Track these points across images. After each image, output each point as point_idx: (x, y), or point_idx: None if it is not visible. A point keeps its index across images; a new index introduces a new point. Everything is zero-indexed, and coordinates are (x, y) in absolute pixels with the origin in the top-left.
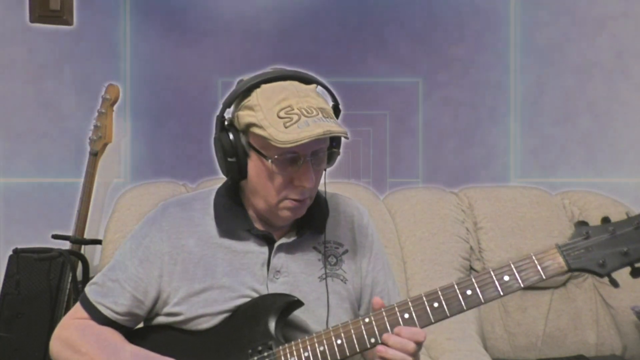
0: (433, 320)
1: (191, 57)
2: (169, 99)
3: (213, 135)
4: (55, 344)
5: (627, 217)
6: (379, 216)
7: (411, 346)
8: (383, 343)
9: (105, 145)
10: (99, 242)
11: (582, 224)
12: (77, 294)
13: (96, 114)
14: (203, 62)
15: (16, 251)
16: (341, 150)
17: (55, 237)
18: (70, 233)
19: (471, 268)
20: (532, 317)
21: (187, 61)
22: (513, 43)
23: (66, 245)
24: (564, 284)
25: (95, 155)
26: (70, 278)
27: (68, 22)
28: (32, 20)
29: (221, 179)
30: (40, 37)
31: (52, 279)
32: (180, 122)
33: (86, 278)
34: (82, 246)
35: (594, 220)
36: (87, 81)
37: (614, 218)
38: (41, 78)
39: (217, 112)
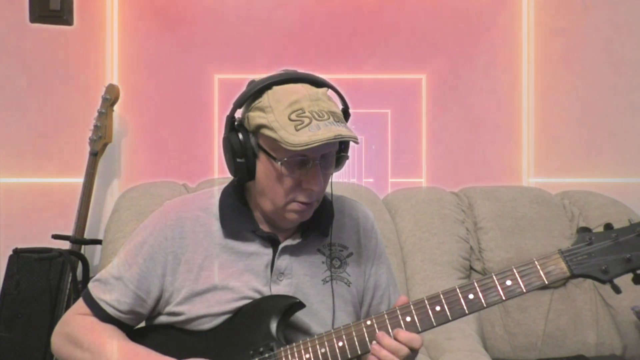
0: (435, 324)
1: (190, 55)
2: (168, 98)
3: (222, 135)
4: (57, 340)
5: (630, 223)
6: (379, 216)
7: (404, 351)
8: (378, 342)
9: (105, 145)
10: (99, 242)
11: (585, 229)
12: (77, 294)
13: (96, 114)
14: (202, 60)
15: (16, 251)
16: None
17: (55, 237)
18: (70, 233)
19: (471, 268)
20: (532, 317)
21: (187, 60)
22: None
23: (66, 245)
24: (564, 284)
25: (95, 155)
26: (70, 278)
27: (68, 22)
28: (32, 20)
29: (221, 179)
30: (40, 37)
31: (52, 279)
32: (180, 122)
33: (86, 278)
34: (82, 246)
35: (594, 221)
36: (87, 81)
37: (613, 219)
38: (41, 78)
39: (228, 112)
